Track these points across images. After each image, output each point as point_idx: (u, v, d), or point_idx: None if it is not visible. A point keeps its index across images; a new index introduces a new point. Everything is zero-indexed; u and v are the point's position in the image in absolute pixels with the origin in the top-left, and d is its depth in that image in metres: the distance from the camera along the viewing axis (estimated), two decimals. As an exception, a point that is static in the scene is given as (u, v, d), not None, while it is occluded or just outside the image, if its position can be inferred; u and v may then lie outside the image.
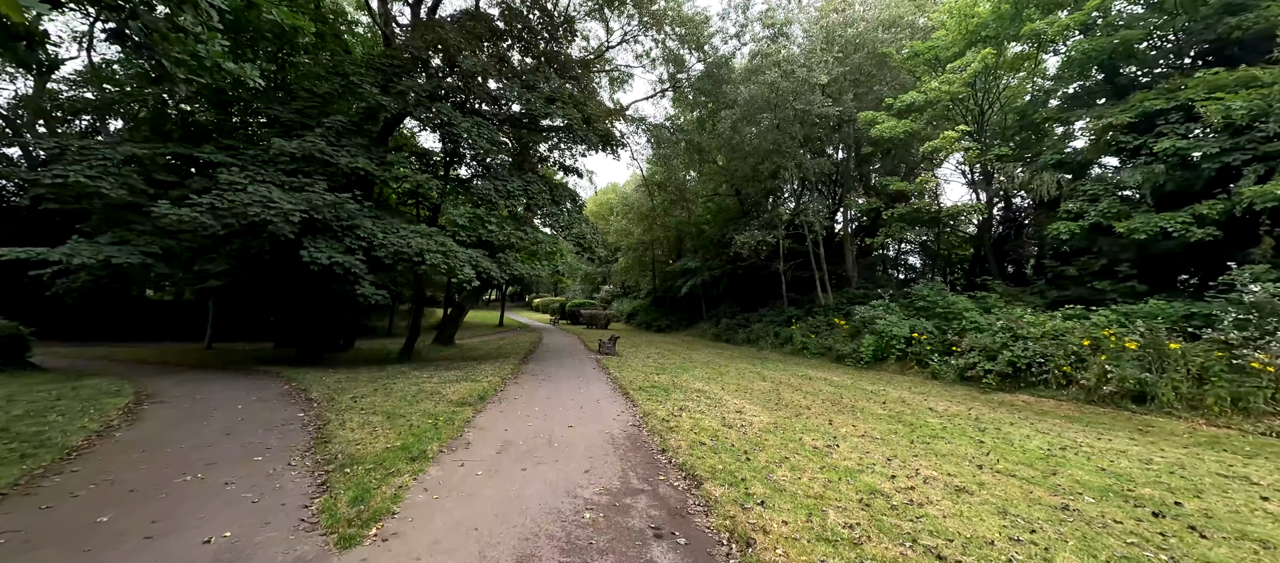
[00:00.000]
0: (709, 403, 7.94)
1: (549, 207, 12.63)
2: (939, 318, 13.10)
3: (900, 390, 10.06)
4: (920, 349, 12.47)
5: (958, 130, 12.70)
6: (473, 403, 7.05)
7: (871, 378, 11.92)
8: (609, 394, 8.67)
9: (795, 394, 9.21)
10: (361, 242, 9.82)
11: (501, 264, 11.53)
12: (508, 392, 8.58)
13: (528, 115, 12.05)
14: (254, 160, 10.06)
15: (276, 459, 4.38)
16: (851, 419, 7.15)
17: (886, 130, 14.92)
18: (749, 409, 7.51)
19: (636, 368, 12.25)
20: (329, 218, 9.61)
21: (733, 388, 9.74)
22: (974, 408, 8.38)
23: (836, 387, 10.32)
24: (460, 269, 9.86)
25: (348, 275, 9.54)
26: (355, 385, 8.45)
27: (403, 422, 5.76)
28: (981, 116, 15.48)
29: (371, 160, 10.52)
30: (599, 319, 32.97)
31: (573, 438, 5.53)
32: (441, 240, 10.01)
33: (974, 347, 11.03)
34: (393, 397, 7.30)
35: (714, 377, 11.37)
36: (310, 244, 9.30)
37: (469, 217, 10.90)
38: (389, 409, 6.42)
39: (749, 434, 5.89)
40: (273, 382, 9.12)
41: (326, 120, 10.52)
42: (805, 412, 7.58)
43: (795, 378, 11.62)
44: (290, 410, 6.47)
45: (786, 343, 18.95)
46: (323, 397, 7.33)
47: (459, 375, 9.94)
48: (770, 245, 21.04)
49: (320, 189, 9.24)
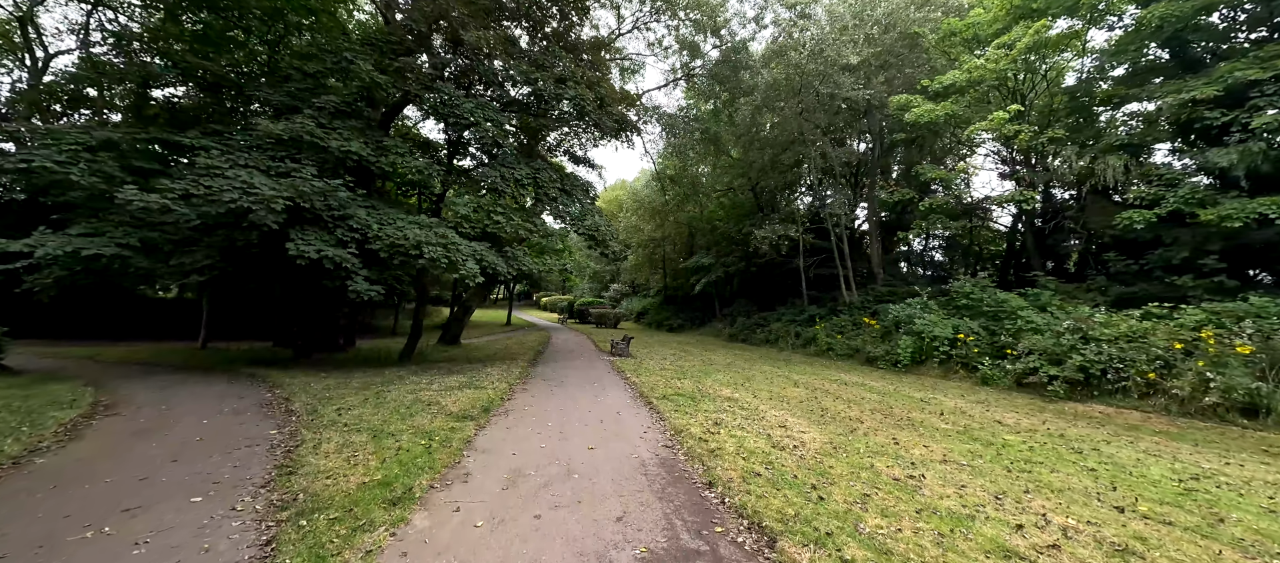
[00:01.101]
0: (745, 415, 6.92)
1: (560, 197, 11.63)
2: (986, 317, 11.96)
3: (952, 399, 8.97)
4: (966, 352, 11.34)
5: (1009, 111, 11.53)
6: (475, 417, 6.07)
7: (913, 383, 10.82)
8: (629, 404, 7.67)
9: (837, 403, 8.15)
10: (355, 233, 8.89)
11: (509, 259, 10.56)
12: (515, 401, 7.60)
13: (536, 96, 11.04)
14: (239, 145, 9.17)
15: (221, 500, 3.42)
16: (917, 437, 6.09)
17: (923, 115, 13.77)
18: (794, 424, 6.47)
19: (654, 371, 11.24)
20: (318, 207, 8.69)
21: (766, 395, 8.71)
22: (1049, 421, 7.29)
23: (880, 394, 9.25)
24: (463, 263, 8.90)
25: (338, 270, 8.62)
26: (345, 393, 7.52)
27: (390, 443, 4.79)
28: (1024, 99, 14.29)
29: (366, 145, 9.58)
30: (608, 318, 32.03)
31: (596, 465, 4.53)
32: (442, 232, 9.06)
33: (1032, 349, 9.90)
34: (384, 408, 6.34)
35: (740, 382, 10.33)
36: (298, 236, 8.38)
37: (474, 206, 9.92)
38: (377, 425, 5.46)
39: (807, 459, 4.86)
40: (255, 388, 8.21)
41: (317, 101, 9.60)
42: (858, 426, 6.53)
43: (829, 383, 10.56)
44: (262, 426, 5.53)
45: (810, 344, 17.87)
46: (305, 408, 6.39)
47: (462, 381, 8.99)
48: (791, 241, 19.94)
49: (308, 175, 8.31)
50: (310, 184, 8.26)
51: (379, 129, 11.69)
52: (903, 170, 21.17)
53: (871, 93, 14.91)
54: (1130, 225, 9.86)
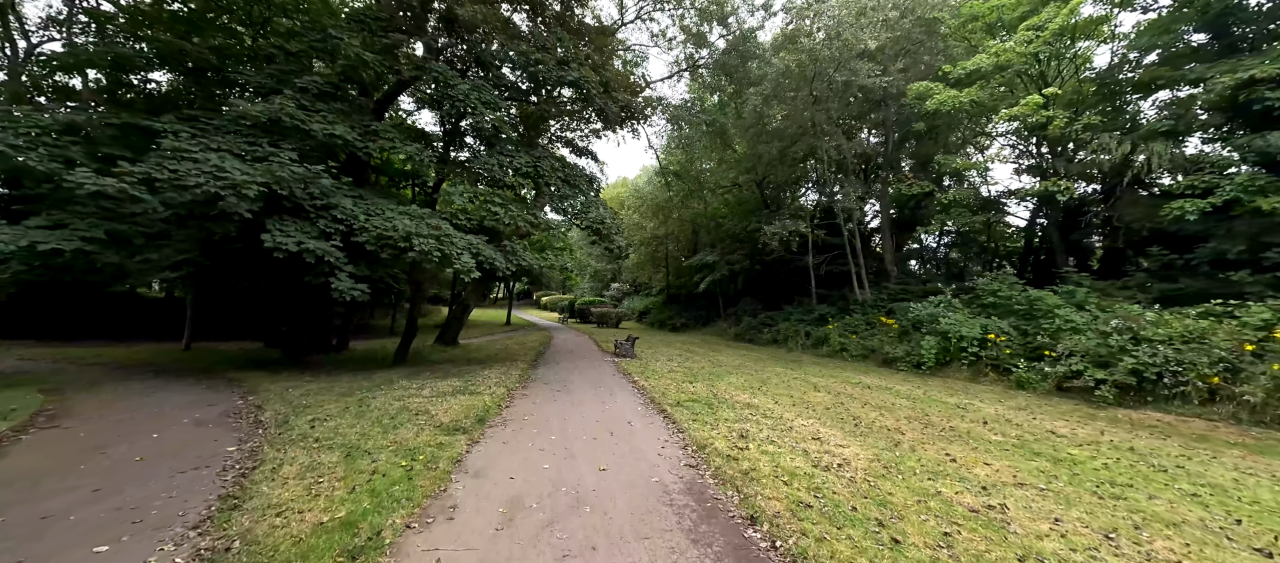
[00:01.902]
0: (772, 425, 6.18)
1: (562, 188, 10.88)
2: (1017, 316, 11.22)
3: (989, 405, 8.23)
4: (998, 353, 10.60)
5: (1045, 94, 10.78)
6: (468, 429, 5.32)
7: (941, 387, 10.08)
8: (641, 412, 6.93)
9: (867, 410, 7.41)
10: (339, 224, 8.14)
11: (507, 254, 9.81)
12: (514, 408, 6.86)
13: (535, 79, 10.29)
14: (214, 128, 8.41)
15: (133, 550, 2.68)
16: (971, 452, 5.35)
17: (945, 102, 13.02)
18: (829, 436, 5.73)
19: (662, 374, 10.50)
20: (299, 195, 7.94)
21: (787, 401, 7.96)
22: (1107, 431, 6.55)
23: (909, 399, 8.51)
24: (458, 257, 8.15)
25: (320, 265, 7.87)
26: (325, 401, 6.77)
27: (364, 464, 4.05)
28: (1048, 85, 13.55)
29: (353, 129, 8.83)
30: (610, 318, 31.27)
31: (610, 492, 3.79)
32: (435, 223, 8.31)
33: (1074, 351, 9.16)
34: (365, 419, 5.59)
35: (756, 385, 9.60)
36: (275, 227, 7.63)
37: (470, 195, 9.17)
38: (353, 441, 4.72)
39: (858, 483, 4.12)
40: (228, 394, 7.47)
41: (299, 81, 8.85)
42: (900, 439, 5.79)
43: (850, 386, 9.83)
44: (222, 441, 4.79)
45: (821, 344, 17.13)
46: (276, 418, 5.65)
47: (457, 385, 8.25)
48: (800, 237, 19.19)
49: (285, 159, 7.56)
50: (288, 169, 7.51)
51: (371, 118, 10.96)
52: (916, 164, 20.41)
53: (889, 80, 14.16)
54: (1181, 215, 9.12)
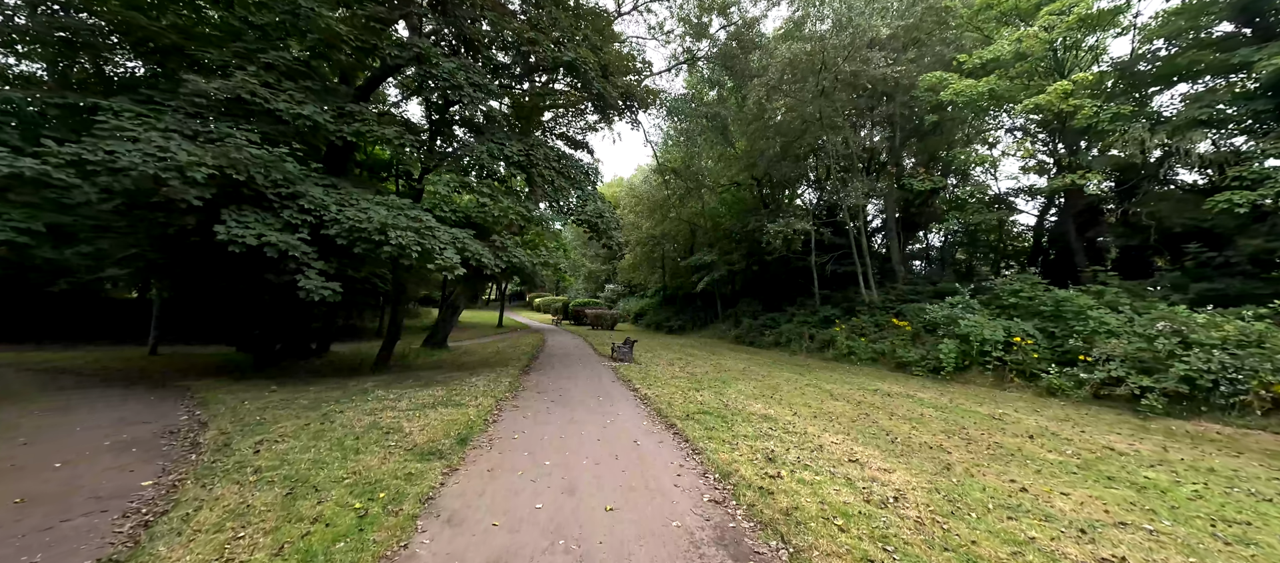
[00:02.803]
0: (797, 443, 5.39)
1: (556, 179, 10.05)
2: (1043, 318, 10.54)
3: (1026, 414, 7.50)
4: (1024, 357, 9.90)
5: (1074, 79, 10.12)
6: (445, 452, 4.48)
7: (965, 393, 9.36)
8: (648, 427, 6.11)
9: (897, 422, 6.65)
10: (307, 215, 7.26)
11: (497, 250, 8.97)
12: (503, 424, 6.01)
13: (526, 61, 9.46)
14: (170, 109, 7.49)
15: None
16: (1036, 475, 4.59)
17: (960, 93, 12.36)
18: (867, 457, 4.95)
19: (665, 381, 9.70)
20: (260, 182, 7.04)
21: (807, 412, 7.19)
22: (1171, 447, 5.83)
23: (937, 409, 7.76)
24: (440, 252, 7.30)
25: (285, 261, 6.98)
26: (283, 416, 5.89)
27: (308, 506, 3.20)
28: (1065, 77, 12.94)
29: (326, 110, 7.95)
30: (605, 319, 30.45)
31: (623, 547, 2.97)
32: (416, 215, 7.45)
33: (1112, 356, 8.47)
34: (324, 440, 4.72)
35: (767, 392, 8.82)
36: (232, 217, 6.74)
37: (456, 184, 8.32)
38: (302, 471, 3.86)
39: (927, 525, 3.33)
40: (173, 408, 6.56)
41: (265, 57, 7.95)
42: (949, 460, 5.01)
43: (867, 393, 9.09)
44: (137, 474, 3.91)
45: (827, 347, 16.42)
46: (216, 440, 4.76)
47: (439, 395, 7.39)
48: (802, 236, 18.49)
49: (242, 140, 6.66)
50: (246, 152, 6.61)
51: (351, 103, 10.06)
52: (923, 160, 19.80)
53: (901, 70, 13.49)
54: (1230, 208, 8.47)
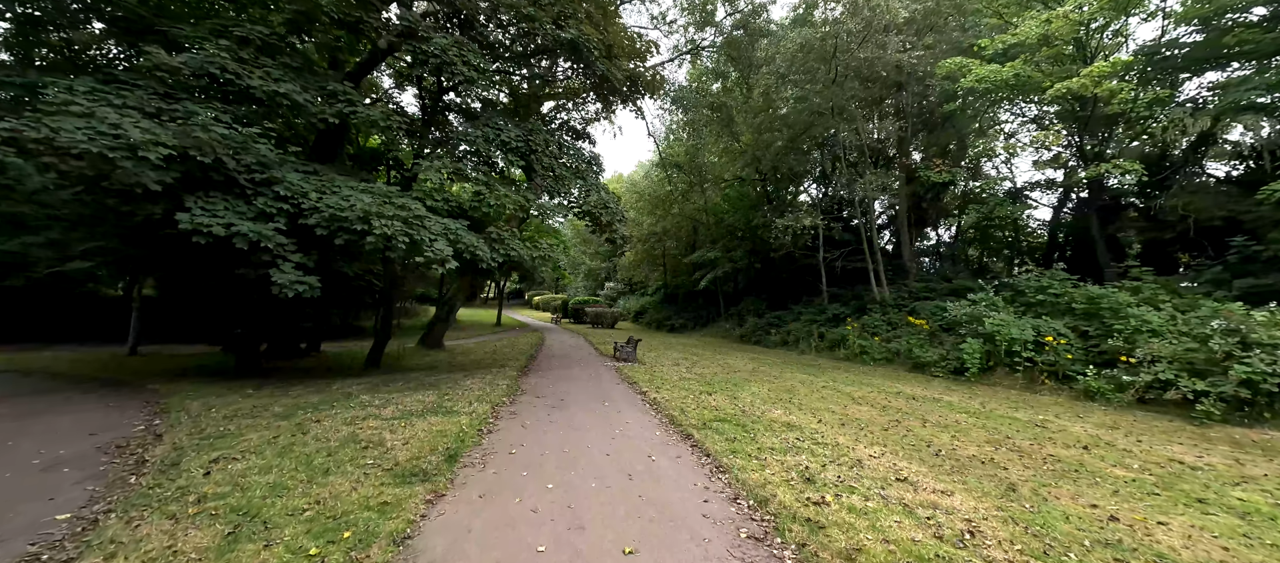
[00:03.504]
0: (831, 457, 4.76)
1: (557, 168, 9.38)
2: (1075, 316, 9.92)
3: (1069, 421, 6.88)
4: (1057, 358, 9.28)
5: (1113, 62, 9.47)
6: (431, 473, 3.83)
7: (996, 397, 8.73)
8: (661, 438, 5.46)
9: (935, 432, 6.02)
10: (283, 203, 6.60)
11: (493, 243, 8.30)
12: (499, 435, 5.36)
13: (528, 40, 8.80)
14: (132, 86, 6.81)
15: None
16: (1113, 497, 3.96)
17: (983, 79, 11.71)
18: (916, 475, 4.31)
19: (673, 383, 9.07)
20: (230, 167, 6.37)
21: (832, 420, 6.55)
22: (1246, 461, 5.20)
23: (973, 416, 7.13)
24: (428, 244, 6.64)
25: (258, 253, 6.32)
26: (251, 426, 5.24)
27: (250, 552, 2.54)
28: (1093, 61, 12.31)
29: (306, 89, 7.28)
30: (605, 318, 29.79)
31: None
32: (403, 203, 6.78)
33: (1157, 356, 7.85)
34: (290, 457, 4.08)
35: (784, 396, 8.19)
36: (197, 204, 6.07)
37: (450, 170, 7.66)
38: (254, 501, 3.21)
39: (1019, 571, 2.70)
40: (132, 415, 5.90)
41: (239, 30, 7.27)
42: (1007, 477, 4.38)
43: (891, 397, 8.47)
44: (56, 502, 3.25)
45: (837, 346, 15.78)
46: (167, 455, 4.11)
47: (428, 401, 6.74)
48: (811, 231, 17.85)
49: (207, 117, 5.99)
50: (211, 131, 5.94)
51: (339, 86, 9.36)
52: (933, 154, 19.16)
53: (919, 56, 12.83)
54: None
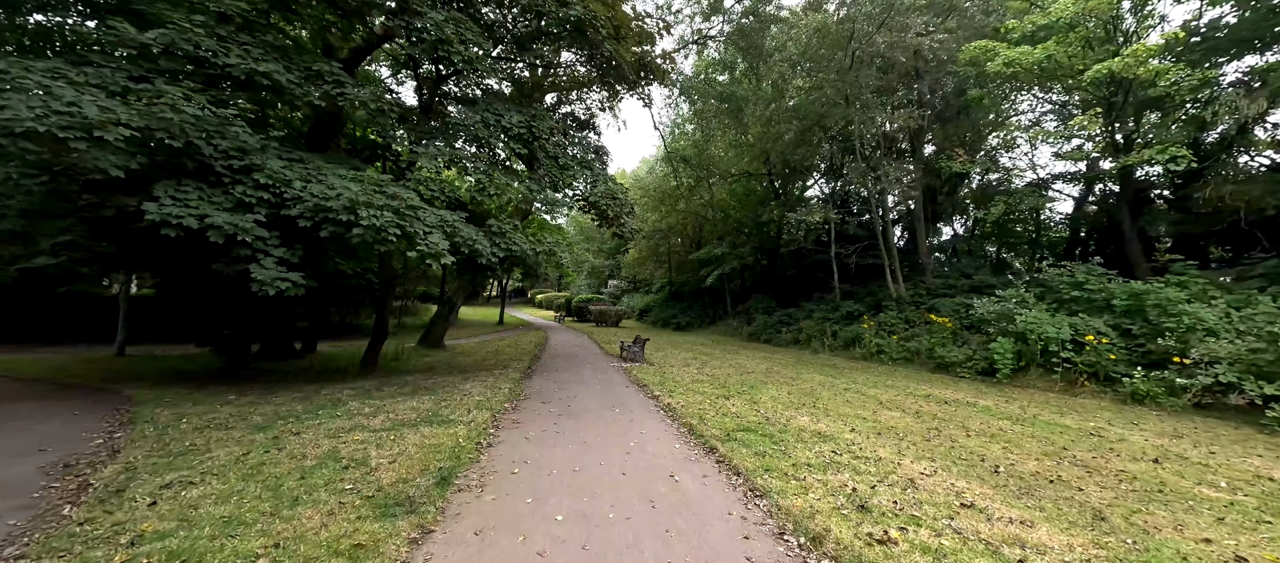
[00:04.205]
0: (878, 475, 4.17)
1: (562, 157, 8.79)
2: (1116, 313, 9.29)
3: (1124, 429, 6.27)
4: (1097, 358, 8.66)
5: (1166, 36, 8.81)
6: (418, 501, 3.26)
7: (1034, 401, 8.11)
8: (684, 453, 4.88)
9: (982, 443, 5.42)
10: (263, 192, 6.03)
11: (494, 236, 7.72)
12: (500, 449, 4.79)
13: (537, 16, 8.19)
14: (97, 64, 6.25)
15: None
16: (1217, 525, 3.36)
17: (1012, 62, 11.07)
18: (979, 496, 3.72)
19: (686, 386, 8.47)
20: (205, 152, 5.80)
21: (866, 428, 5.96)
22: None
23: (1016, 422, 6.53)
24: (423, 237, 6.06)
25: (236, 247, 5.75)
26: (222, 439, 4.68)
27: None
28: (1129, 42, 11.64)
29: (290, 70, 6.70)
30: (609, 316, 29.19)
31: None
32: (394, 192, 6.20)
33: (1216, 357, 7.22)
34: (257, 479, 3.52)
35: (806, 400, 7.59)
36: (167, 193, 5.51)
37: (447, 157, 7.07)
38: (201, 539, 2.64)
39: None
40: (92, 426, 5.34)
41: (216, 5, 6.68)
42: (1087, 499, 3.78)
43: (919, 400, 7.89)
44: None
45: (852, 345, 15.19)
46: (116, 478, 3.56)
47: (423, 409, 6.17)
48: (824, 227, 17.24)
49: (176, 95, 5.41)
50: (183, 112, 5.36)
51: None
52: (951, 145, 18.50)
53: (942, 40, 12.19)
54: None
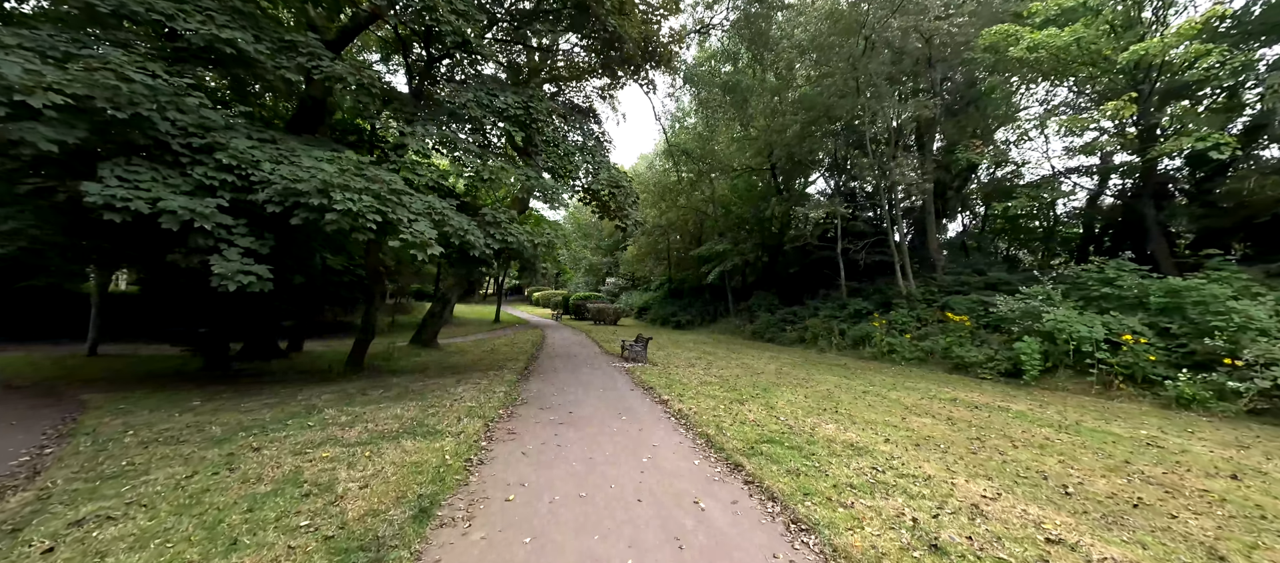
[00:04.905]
0: (934, 499, 3.57)
1: (563, 144, 8.13)
2: (1151, 311, 8.73)
3: (1178, 436, 5.70)
4: (1135, 359, 8.08)
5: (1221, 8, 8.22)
6: (389, 545, 2.62)
7: (1069, 405, 7.53)
8: (706, 472, 4.26)
9: (1038, 455, 4.83)
10: (227, 174, 5.35)
11: (489, 227, 7.06)
12: (492, 468, 4.16)
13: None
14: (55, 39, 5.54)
15: None
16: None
17: (1039, 45, 10.48)
18: (1062, 528, 3.11)
19: (695, 389, 7.85)
20: (160, 128, 5.12)
21: (900, 438, 5.36)
22: None
23: (1062, 430, 5.94)
24: (409, 225, 5.40)
25: (193, 235, 5.08)
26: (170, 453, 4.03)
27: None
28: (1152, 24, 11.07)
29: (260, 40, 6.01)
30: (607, 314, 28.55)
31: None
32: (374, 174, 5.53)
33: (1272, 359, 6.66)
34: (195, 512, 2.87)
35: (825, 405, 6.98)
36: (112, 173, 4.83)
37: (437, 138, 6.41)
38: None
39: None
40: (27, 439, 4.68)
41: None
42: (1187, 531, 3.19)
43: (946, 404, 7.32)
44: None
45: (862, 344, 14.62)
46: (19, 509, 2.91)
47: (408, 417, 5.52)
48: (832, 222, 16.64)
49: (120, 60, 4.73)
50: (133, 82, 4.67)
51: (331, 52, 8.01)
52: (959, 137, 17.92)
53: (961, 23, 11.58)
54: None
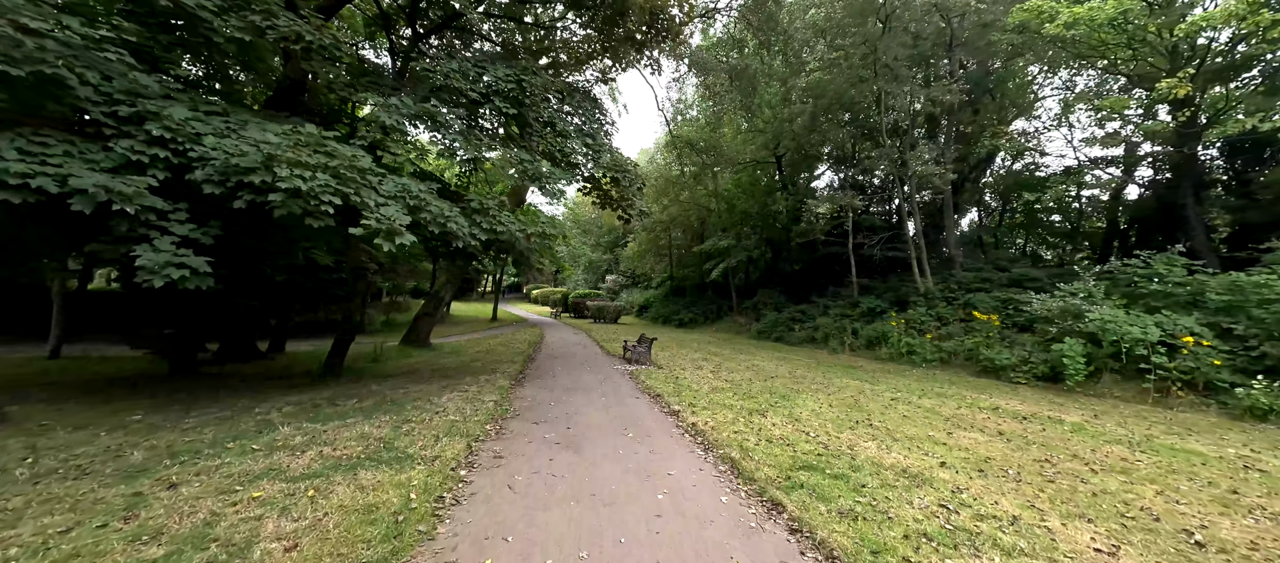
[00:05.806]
0: (1040, 560, 2.75)
1: (561, 124, 7.27)
2: (1209, 310, 7.92)
3: (1271, 457, 4.90)
4: (1197, 364, 7.27)
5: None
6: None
7: (1126, 416, 6.72)
8: (736, 510, 3.43)
9: (1127, 484, 4.02)
10: (160, 148, 4.50)
11: (474, 215, 6.21)
12: (469, 509, 3.33)
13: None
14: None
15: None
16: None
17: (1079, 19, 9.66)
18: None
19: (707, 397, 7.02)
20: (80, 94, 4.27)
21: (956, 460, 4.54)
22: None
23: (1138, 449, 5.14)
24: (377, 209, 4.55)
25: (117, 221, 4.24)
26: (64, 492, 3.21)
27: None
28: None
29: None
30: (607, 312, 27.72)
31: None
32: (333, 149, 4.67)
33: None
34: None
35: (854, 416, 6.17)
36: (11, 146, 3.98)
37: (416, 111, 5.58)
38: None
39: None
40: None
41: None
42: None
43: (987, 413, 6.55)
44: None
45: (877, 344, 13.84)
46: None
47: (376, 437, 4.69)
48: (844, 215, 15.82)
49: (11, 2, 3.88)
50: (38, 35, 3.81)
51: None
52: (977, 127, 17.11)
53: (989, 2, 10.74)
54: None
